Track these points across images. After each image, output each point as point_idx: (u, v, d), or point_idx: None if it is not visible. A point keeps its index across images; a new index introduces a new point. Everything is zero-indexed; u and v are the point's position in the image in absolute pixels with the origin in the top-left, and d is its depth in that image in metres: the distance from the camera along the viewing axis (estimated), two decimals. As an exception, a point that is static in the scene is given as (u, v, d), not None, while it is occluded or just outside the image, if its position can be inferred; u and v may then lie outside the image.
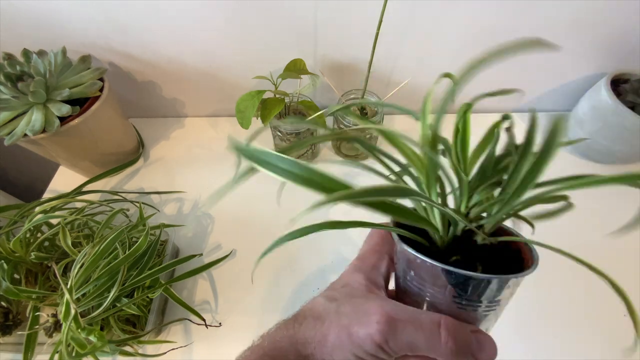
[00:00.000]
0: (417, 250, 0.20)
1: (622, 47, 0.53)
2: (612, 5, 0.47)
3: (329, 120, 0.60)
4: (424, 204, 0.21)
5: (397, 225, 0.23)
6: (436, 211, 0.21)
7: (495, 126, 0.22)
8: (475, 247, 0.21)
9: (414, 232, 0.21)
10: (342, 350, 0.20)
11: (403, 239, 0.21)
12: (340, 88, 0.53)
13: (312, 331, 0.21)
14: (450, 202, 0.22)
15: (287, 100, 0.51)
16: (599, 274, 0.19)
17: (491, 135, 0.22)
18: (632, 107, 0.49)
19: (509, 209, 0.19)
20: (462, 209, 0.21)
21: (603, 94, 0.51)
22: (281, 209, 0.54)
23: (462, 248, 0.21)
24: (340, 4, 0.47)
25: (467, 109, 0.22)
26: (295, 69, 0.49)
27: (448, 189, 0.22)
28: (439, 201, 0.22)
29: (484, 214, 0.21)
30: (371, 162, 0.63)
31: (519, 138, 0.19)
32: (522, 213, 0.20)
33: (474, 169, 0.22)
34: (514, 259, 0.21)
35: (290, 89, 0.51)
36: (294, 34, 0.51)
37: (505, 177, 0.19)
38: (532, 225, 0.21)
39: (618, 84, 0.52)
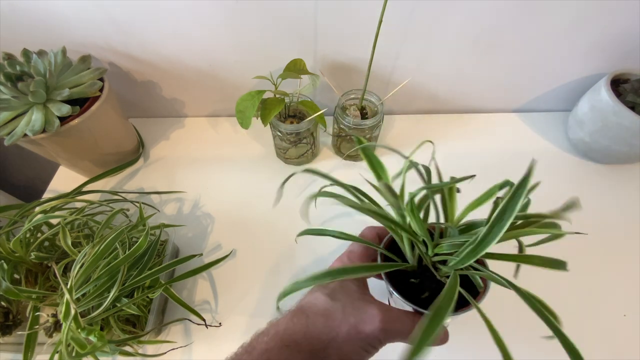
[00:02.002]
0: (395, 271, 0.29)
1: (622, 47, 0.53)
2: (612, 5, 0.47)
3: (329, 120, 0.60)
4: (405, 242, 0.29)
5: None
6: (407, 248, 0.29)
7: (489, 196, 0.26)
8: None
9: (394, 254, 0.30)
10: (352, 343, 0.25)
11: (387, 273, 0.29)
12: (340, 88, 0.53)
13: (325, 328, 0.26)
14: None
15: (287, 100, 0.51)
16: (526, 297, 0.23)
17: (478, 204, 0.27)
18: (632, 107, 0.49)
19: (461, 265, 0.24)
20: (430, 252, 0.28)
21: (603, 94, 0.51)
22: (281, 209, 0.54)
23: (427, 275, 0.29)
24: (340, 4, 0.47)
25: (451, 188, 0.27)
26: (295, 69, 0.49)
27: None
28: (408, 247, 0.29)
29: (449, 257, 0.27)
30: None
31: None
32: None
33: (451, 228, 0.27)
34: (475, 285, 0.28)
35: (290, 89, 0.51)
36: (294, 34, 0.51)
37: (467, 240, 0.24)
38: (480, 286, 0.28)
39: (618, 84, 0.52)
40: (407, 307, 0.28)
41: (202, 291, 0.46)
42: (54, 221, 0.40)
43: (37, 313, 0.36)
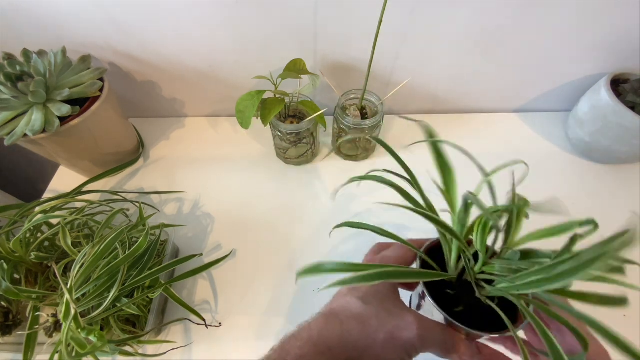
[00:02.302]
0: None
1: (622, 47, 0.53)
2: (612, 5, 0.47)
3: (329, 120, 0.60)
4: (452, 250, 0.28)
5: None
6: (453, 257, 0.28)
7: (564, 229, 0.23)
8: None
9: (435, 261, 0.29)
10: (389, 351, 0.25)
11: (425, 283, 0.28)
12: (340, 88, 0.54)
13: (362, 335, 0.25)
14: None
15: (287, 100, 0.51)
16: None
17: (548, 235, 0.25)
18: (632, 107, 0.49)
19: (510, 292, 0.24)
20: (477, 269, 0.26)
21: (603, 94, 0.51)
22: (281, 209, 0.54)
23: (464, 289, 0.28)
24: (340, 4, 0.47)
25: (521, 210, 0.26)
26: (295, 69, 0.49)
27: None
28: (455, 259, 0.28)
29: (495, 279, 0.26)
30: (370, 162, 0.63)
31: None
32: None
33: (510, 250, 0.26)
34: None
35: (290, 89, 0.51)
36: (294, 34, 0.51)
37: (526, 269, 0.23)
38: (524, 316, 0.25)
39: (618, 84, 0.52)
40: (438, 316, 0.26)
41: (202, 291, 0.46)
42: (54, 221, 0.40)
43: (37, 313, 0.36)
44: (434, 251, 0.30)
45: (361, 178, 0.29)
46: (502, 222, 0.25)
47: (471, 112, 0.66)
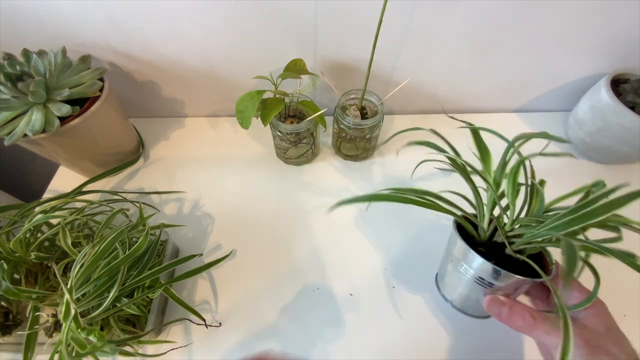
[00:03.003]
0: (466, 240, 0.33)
1: (622, 47, 0.53)
2: (612, 5, 0.47)
3: (329, 120, 0.60)
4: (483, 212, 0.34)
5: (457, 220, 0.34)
6: (486, 220, 0.33)
7: (578, 192, 0.30)
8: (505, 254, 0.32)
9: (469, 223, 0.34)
10: None
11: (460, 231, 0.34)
12: (340, 88, 0.54)
13: None
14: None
15: (287, 100, 0.51)
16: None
17: (574, 193, 0.30)
18: (632, 107, 0.49)
19: (536, 240, 0.28)
20: (507, 227, 0.32)
21: (603, 94, 0.51)
22: (281, 209, 0.54)
23: (497, 248, 0.32)
24: (340, 4, 0.47)
25: (542, 181, 0.33)
26: (295, 69, 0.49)
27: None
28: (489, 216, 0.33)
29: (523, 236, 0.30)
30: (370, 162, 0.63)
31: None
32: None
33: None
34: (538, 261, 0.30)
35: (290, 89, 0.51)
36: (294, 34, 0.51)
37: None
38: (551, 262, 0.31)
39: (618, 84, 0.52)
40: (482, 263, 0.30)
41: (202, 291, 0.46)
42: (54, 221, 0.40)
43: (37, 313, 0.36)
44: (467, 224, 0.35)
45: (417, 143, 0.38)
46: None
47: (471, 112, 0.66)
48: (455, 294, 0.36)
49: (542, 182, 0.32)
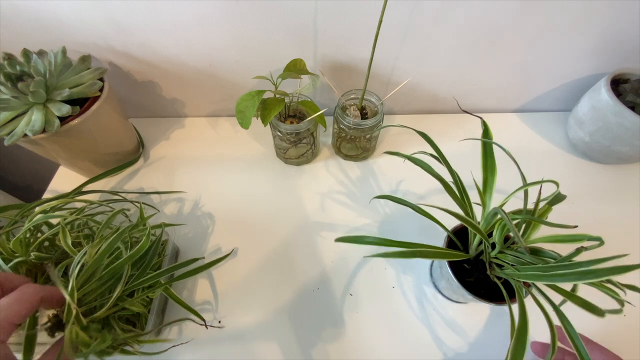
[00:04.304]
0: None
1: (622, 47, 0.53)
2: (612, 5, 0.47)
3: (329, 120, 0.60)
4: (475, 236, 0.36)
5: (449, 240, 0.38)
6: (475, 243, 0.35)
7: (573, 239, 0.29)
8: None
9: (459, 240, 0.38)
10: None
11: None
12: (340, 88, 0.54)
13: None
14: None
15: (287, 100, 0.51)
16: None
17: (559, 241, 0.31)
18: (632, 107, 0.49)
19: (513, 277, 0.31)
20: (493, 254, 0.34)
21: (603, 94, 0.51)
22: (281, 209, 0.54)
23: (479, 267, 0.37)
24: (340, 4, 0.47)
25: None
26: (295, 69, 0.49)
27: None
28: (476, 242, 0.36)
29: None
30: (370, 162, 0.63)
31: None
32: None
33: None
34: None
35: (290, 89, 0.51)
36: (294, 34, 0.51)
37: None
38: (520, 295, 0.31)
39: (618, 84, 0.52)
40: (455, 286, 0.35)
41: (202, 291, 0.46)
42: (54, 221, 0.40)
43: (37, 313, 0.36)
44: (459, 233, 0.39)
45: (409, 158, 0.38)
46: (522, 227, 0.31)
47: (471, 112, 0.66)
48: (441, 285, 0.44)
49: (546, 211, 0.31)
